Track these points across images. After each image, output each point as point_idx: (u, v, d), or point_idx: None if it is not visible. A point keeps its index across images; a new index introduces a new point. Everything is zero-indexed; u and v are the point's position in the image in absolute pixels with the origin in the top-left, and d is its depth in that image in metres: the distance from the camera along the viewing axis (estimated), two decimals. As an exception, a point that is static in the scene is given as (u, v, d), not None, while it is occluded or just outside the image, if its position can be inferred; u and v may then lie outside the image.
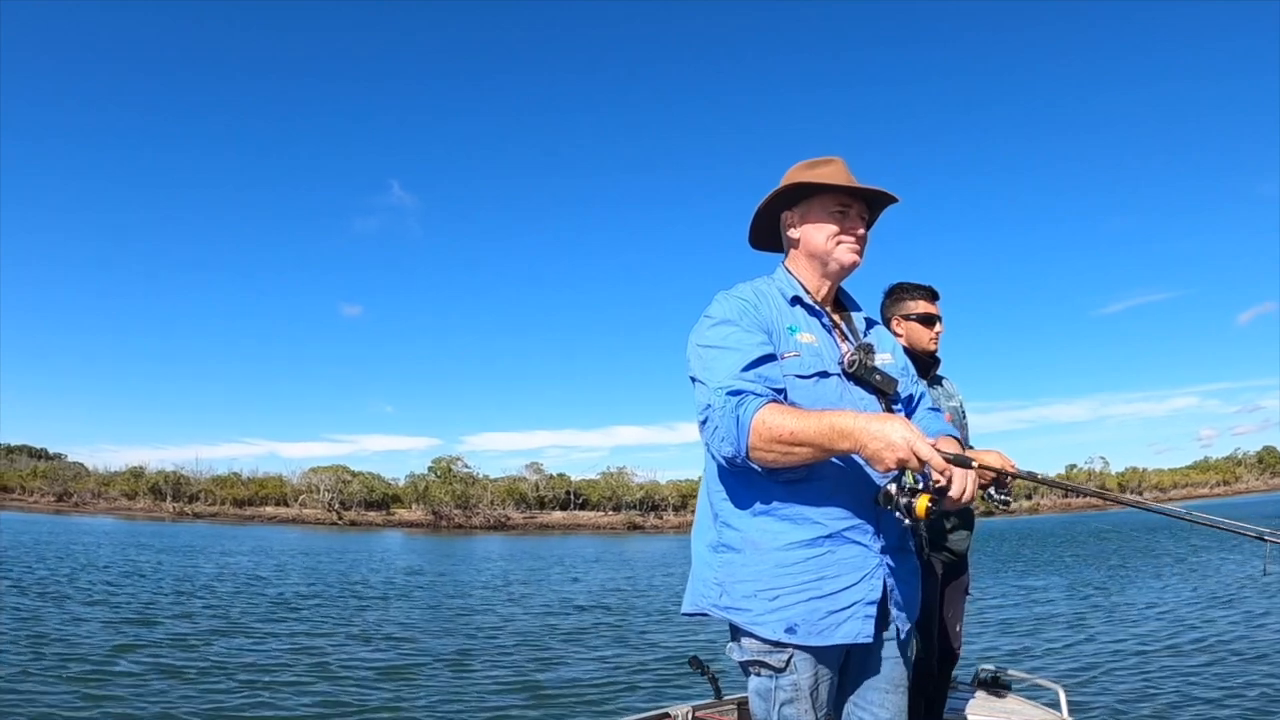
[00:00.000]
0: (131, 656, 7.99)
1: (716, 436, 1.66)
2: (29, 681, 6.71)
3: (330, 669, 7.75)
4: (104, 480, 74.24)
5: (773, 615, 1.69)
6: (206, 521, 62.39)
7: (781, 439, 1.59)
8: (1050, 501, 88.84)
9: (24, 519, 51.67)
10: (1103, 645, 8.65)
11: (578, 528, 66.52)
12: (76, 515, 63.20)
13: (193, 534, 40.27)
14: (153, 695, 6.48)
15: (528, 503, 70.42)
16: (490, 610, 12.89)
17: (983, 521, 50.52)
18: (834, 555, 1.70)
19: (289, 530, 53.97)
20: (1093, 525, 43.75)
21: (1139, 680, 6.94)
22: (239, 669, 7.61)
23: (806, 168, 1.90)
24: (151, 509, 69.10)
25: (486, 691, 7.04)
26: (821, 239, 1.87)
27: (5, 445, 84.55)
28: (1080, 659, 7.98)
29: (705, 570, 1.83)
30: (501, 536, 54.47)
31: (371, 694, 6.87)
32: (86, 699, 6.33)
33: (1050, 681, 3.92)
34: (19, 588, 13.35)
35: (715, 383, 1.68)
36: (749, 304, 1.82)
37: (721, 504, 1.81)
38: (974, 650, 7.94)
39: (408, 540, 44.35)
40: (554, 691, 7.07)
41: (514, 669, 8.06)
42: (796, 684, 1.70)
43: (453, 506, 66.13)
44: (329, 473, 69.55)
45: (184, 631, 9.65)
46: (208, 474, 73.41)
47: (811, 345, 1.80)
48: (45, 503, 70.95)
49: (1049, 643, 8.98)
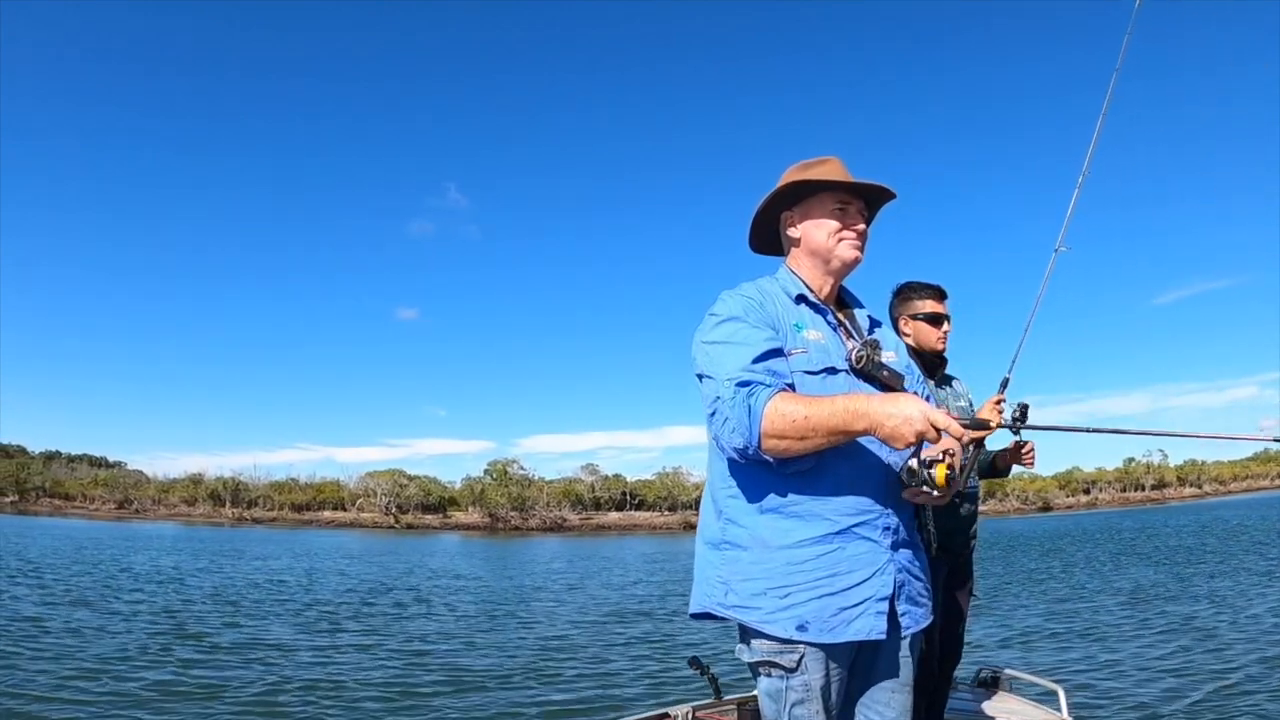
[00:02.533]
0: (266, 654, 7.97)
1: (727, 428, 1.64)
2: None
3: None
4: (163, 487, 75.45)
5: (784, 613, 1.67)
6: (265, 526, 63.01)
7: (795, 425, 1.58)
8: (1109, 496, 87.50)
9: (88, 525, 52.56)
10: (1103, 645, 8.58)
11: (634, 528, 66.39)
12: (137, 521, 64.17)
13: (262, 539, 40.56)
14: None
15: (583, 504, 70.56)
16: (551, 610, 12.88)
17: (1023, 520, 50.13)
18: (844, 552, 1.69)
19: (347, 534, 54.41)
20: (1144, 522, 42.18)
21: (1139, 680, 6.85)
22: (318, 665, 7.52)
23: (803, 168, 1.92)
24: (211, 515, 70.02)
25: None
26: (822, 236, 1.88)
27: (66, 454, 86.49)
28: (1081, 659, 7.91)
29: (710, 569, 1.80)
30: (558, 538, 54.42)
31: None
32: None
33: (1050, 681, 3.83)
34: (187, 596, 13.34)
35: (724, 375, 1.67)
36: (754, 301, 1.82)
37: (728, 501, 1.79)
38: (974, 650, 7.76)
39: (465, 543, 44.41)
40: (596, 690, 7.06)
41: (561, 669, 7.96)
42: (808, 684, 1.68)
43: (509, 509, 66.27)
44: (386, 477, 70.07)
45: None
46: (265, 480, 74.31)
47: (818, 342, 1.81)
48: (106, 510, 72.21)
49: (1049, 643, 8.92)
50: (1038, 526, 44.52)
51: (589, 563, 26.28)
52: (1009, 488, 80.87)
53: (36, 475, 75.49)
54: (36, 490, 74.16)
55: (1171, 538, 26.80)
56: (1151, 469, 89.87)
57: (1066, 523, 50.32)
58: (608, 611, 12.82)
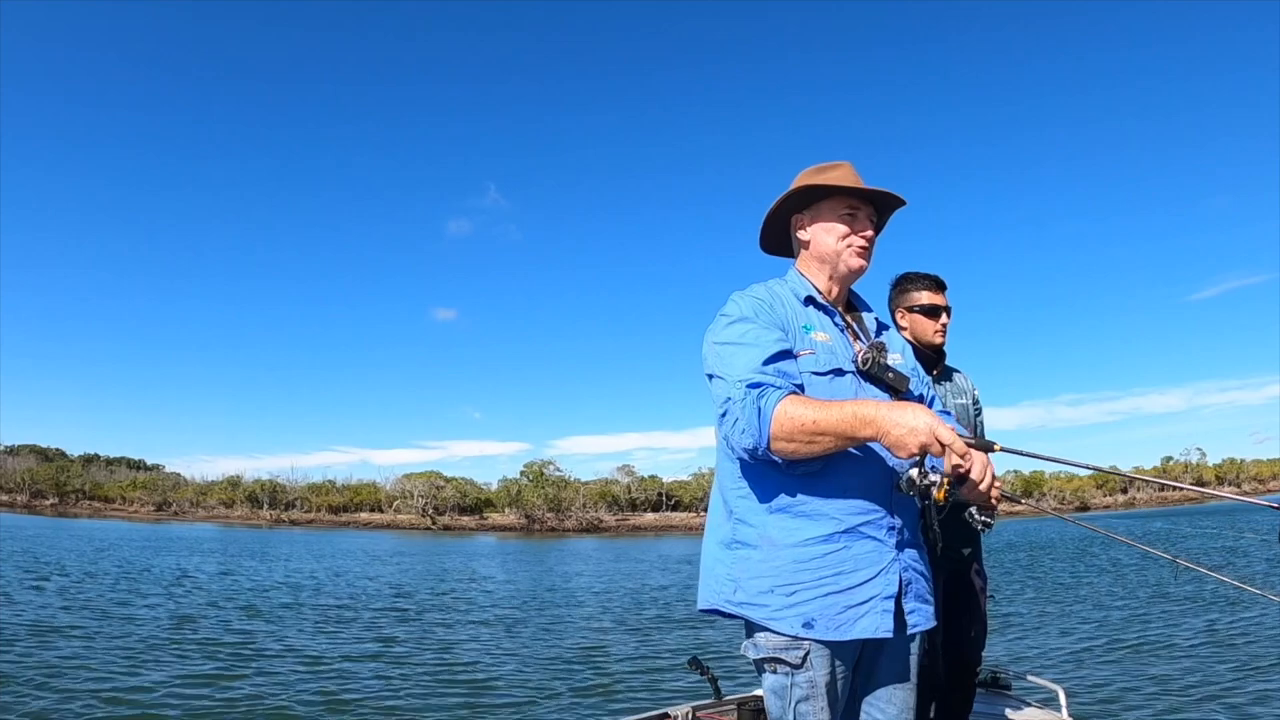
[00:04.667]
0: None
1: (737, 429, 1.67)
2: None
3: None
4: (202, 489, 76.01)
5: (790, 610, 1.69)
6: (303, 528, 63.35)
7: (804, 428, 1.61)
8: (1146, 496, 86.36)
9: (127, 527, 53.03)
10: (1104, 645, 8.58)
11: (670, 529, 66.20)
12: (176, 523, 64.67)
13: (305, 541, 40.85)
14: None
15: (619, 505, 70.50)
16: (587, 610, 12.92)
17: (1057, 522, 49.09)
18: (850, 550, 1.71)
19: (385, 535, 54.62)
20: (1175, 524, 41.12)
21: (1140, 681, 6.87)
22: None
23: (816, 172, 1.94)
24: (249, 517, 70.53)
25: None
26: (831, 241, 1.91)
27: (105, 457, 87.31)
28: (1081, 659, 7.92)
29: (718, 567, 1.83)
30: (594, 539, 54.41)
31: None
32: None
33: (1050, 682, 3.86)
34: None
35: (735, 376, 1.70)
36: (764, 303, 1.84)
37: (737, 501, 1.81)
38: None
39: (501, 544, 44.47)
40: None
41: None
42: (813, 680, 1.70)
43: (545, 510, 66.35)
44: (423, 479, 70.33)
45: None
46: (303, 482, 74.73)
47: (826, 344, 1.83)
48: (145, 512, 72.87)
49: (1049, 643, 8.92)
50: (1065, 530, 43.12)
51: (618, 564, 26.44)
52: (1045, 488, 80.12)
53: (76, 478, 76.29)
54: (76, 493, 74.96)
55: (1198, 539, 26.30)
56: (1189, 468, 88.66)
57: (1097, 523, 48.97)
58: (624, 613, 12.84)
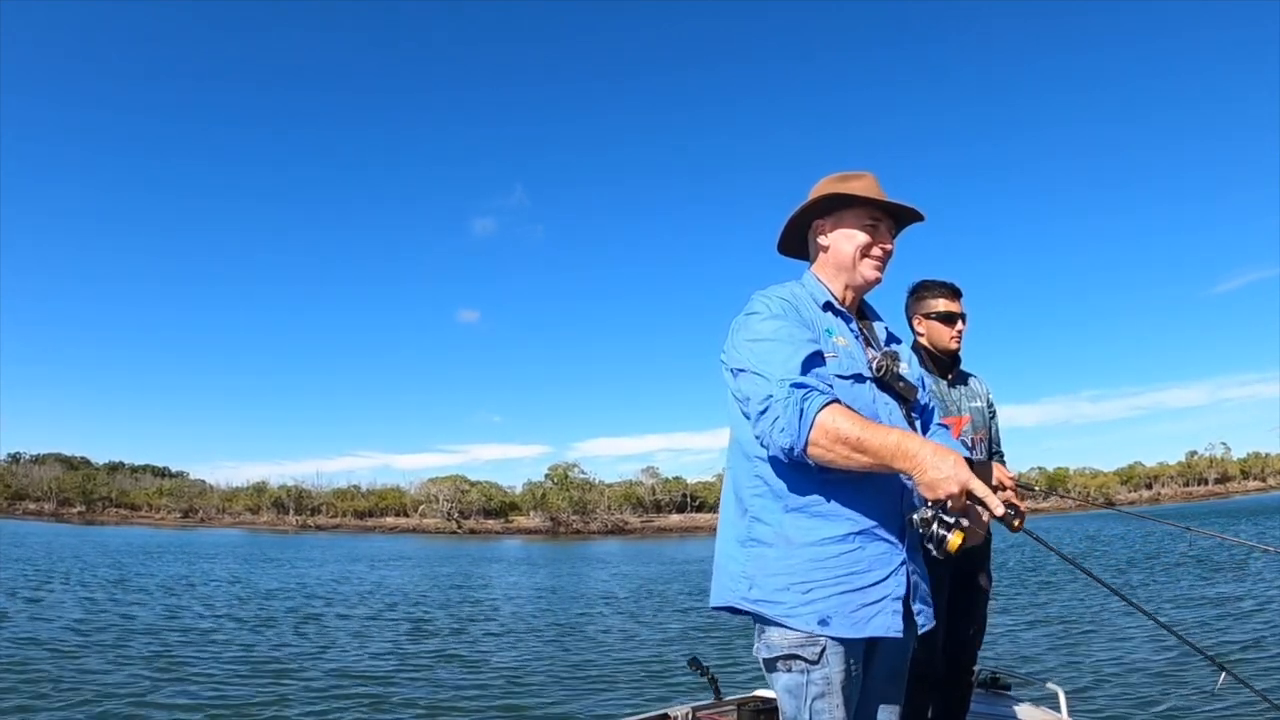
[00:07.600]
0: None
1: (776, 427, 1.67)
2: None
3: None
4: (227, 496, 76.39)
5: (806, 608, 1.71)
6: (329, 533, 63.66)
7: (847, 442, 1.62)
8: (1172, 491, 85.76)
9: (153, 533, 53.38)
10: (1104, 646, 8.60)
11: (695, 530, 66.17)
12: (202, 529, 65.02)
13: (333, 545, 41.15)
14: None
15: (644, 506, 70.55)
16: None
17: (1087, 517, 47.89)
18: (864, 551, 1.74)
19: (411, 539, 54.83)
20: (1195, 518, 40.44)
21: (1140, 681, 6.86)
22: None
23: (838, 180, 1.97)
24: (275, 522, 70.90)
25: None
26: (850, 249, 1.94)
27: (130, 465, 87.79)
28: (1081, 660, 7.93)
29: (732, 564, 1.85)
30: (619, 541, 54.45)
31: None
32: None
33: (1051, 683, 3.88)
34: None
35: (777, 375, 1.70)
36: (790, 303, 1.87)
37: (754, 500, 1.83)
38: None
39: (528, 548, 44.55)
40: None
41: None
42: (828, 677, 1.72)
43: (570, 512, 66.43)
44: (447, 483, 70.50)
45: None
46: (327, 487, 75.03)
47: (846, 348, 1.86)
48: (171, 519, 73.36)
49: (1049, 643, 8.96)
50: (1067, 530, 41.88)
51: (635, 565, 26.52)
52: (1069, 484, 79.78)
53: (102, 486, 76.81)
54: (103, 500, 75.46)
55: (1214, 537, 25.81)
56: (1214, 463, 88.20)
57: (1115, 523, 48.36)
58: (633, 612, 12.90)
